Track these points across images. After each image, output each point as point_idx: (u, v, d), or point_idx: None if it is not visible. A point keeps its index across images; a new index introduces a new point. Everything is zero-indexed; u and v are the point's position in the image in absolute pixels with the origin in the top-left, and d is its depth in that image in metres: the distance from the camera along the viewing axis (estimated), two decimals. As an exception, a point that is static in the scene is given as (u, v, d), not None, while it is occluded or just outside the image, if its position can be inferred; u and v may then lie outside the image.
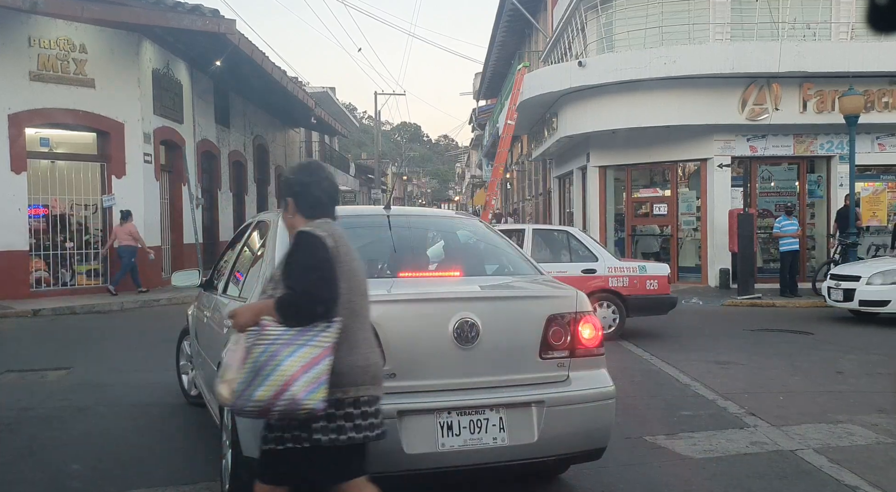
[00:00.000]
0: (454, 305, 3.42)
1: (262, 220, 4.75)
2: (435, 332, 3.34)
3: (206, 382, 4.69)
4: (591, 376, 3.65)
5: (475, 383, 3.37)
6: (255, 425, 3.13)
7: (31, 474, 4.44)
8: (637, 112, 14.80)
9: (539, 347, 3.51)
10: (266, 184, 24.71)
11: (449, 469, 3.32)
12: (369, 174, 52.00)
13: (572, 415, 3.51)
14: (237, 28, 14.16)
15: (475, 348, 3.35)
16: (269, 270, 3.59)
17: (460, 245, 4.56)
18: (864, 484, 4.17)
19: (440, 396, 3.30)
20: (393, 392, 3.14)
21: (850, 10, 14.52)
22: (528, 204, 30.78)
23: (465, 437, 3.28)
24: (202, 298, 5.42)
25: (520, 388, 3.44)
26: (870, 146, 14.66)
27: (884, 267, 10.67)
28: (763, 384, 6.84)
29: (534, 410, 3.40)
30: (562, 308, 3.60)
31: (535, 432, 3.38)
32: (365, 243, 4.13)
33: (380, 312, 3.16)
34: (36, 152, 13.41)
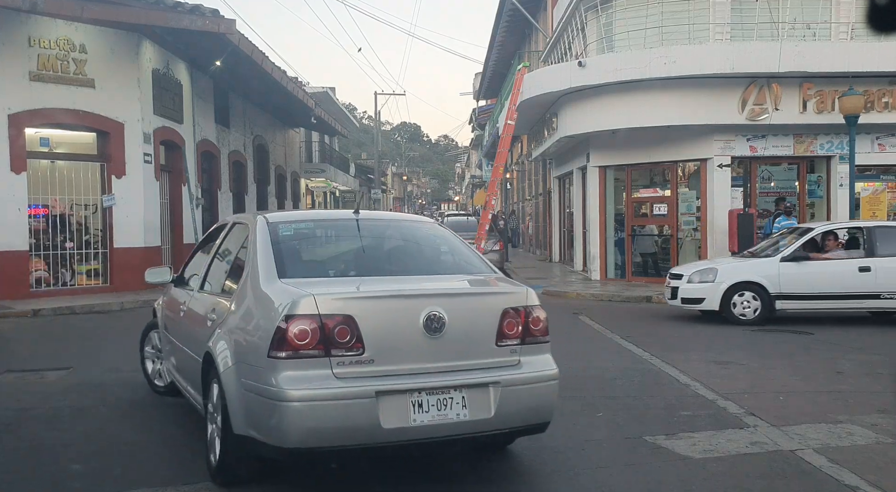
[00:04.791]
0: (424, 301, 3.91)
1: (240, 222, 5.11)
2: (407, 324, 3.82)
3: (184, 371, 5.11)
4: (538, 360, 4.17)
5: (441, 367, 3.87)
6: (244, 402, 3.80)
7: (31, 474, 4.44)
8: (637, 112, 14.79)
9: (495, 336, 4.03)
10: (266, 184, 24.70)
11: (419, 441, 3.80)
12: (369, 174, 52.01)
13: (523, 394, 4.02)
14: (237, 28, 14.15)
15: (441, 338, 3.85)
16: (254, 267, 4.17)
17: (424, 246, 4.98)
18: (863, 484, 4.17)
19: (412, 378, 3.77)
20: (372, 376, 3.70)
21: (850, 10, 14.51)
22: (528, 204, 30.78)
23: (433, 413, 3.76)
24: (173, 292, 5.79)
25: (479, 371, 3.94)
26: (870, 146, 14.65)
27: (702, 266, 11.31)
28: (763, 384, 6.84)
29: (491, 390, 3.91)
30: (515, 303, 4.13)
31: (491, 408, 3.89)
32: (338, 243, 4.83)
33: (359, 306, 3.76)
34: (36, 152, 13.40)
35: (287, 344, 3.63)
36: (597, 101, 15.40)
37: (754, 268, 10.87)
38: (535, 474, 4.41)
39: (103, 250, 14.02)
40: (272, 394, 3.62)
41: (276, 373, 3.63)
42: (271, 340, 3.67)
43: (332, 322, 3.67)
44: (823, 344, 9.13)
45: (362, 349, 3.70)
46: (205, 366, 4.38)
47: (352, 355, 3.69)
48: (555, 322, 11.50)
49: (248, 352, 3.88)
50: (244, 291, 4.22)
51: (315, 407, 3.59)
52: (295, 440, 3.59)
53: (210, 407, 4.28)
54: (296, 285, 3.91)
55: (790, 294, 10.57)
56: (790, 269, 10.58)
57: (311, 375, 3.63)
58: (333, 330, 3.66)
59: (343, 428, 3.62)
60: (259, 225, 4.50)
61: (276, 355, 3.64)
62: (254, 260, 4.25)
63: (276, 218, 4.76)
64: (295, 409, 3.56)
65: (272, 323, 3.71)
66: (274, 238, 4.39)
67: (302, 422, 3.58)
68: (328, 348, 3.66)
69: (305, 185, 32.91)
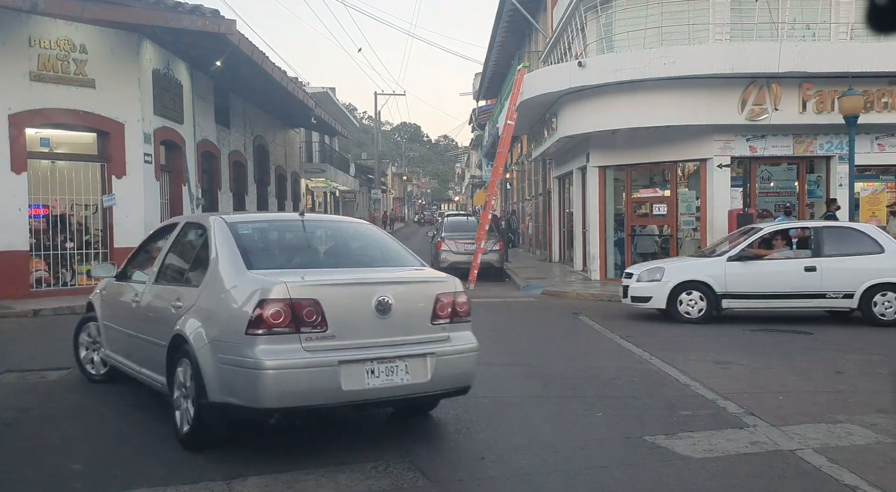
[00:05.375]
0: (375, 288, 4.73)
1: (195, 222, 5.74)
2: (362, 306, 4.64)
3: (140, 355, 5.66)
4: (463, 336, 5.08)
5: (389, 341, 4.69)
6: (220, 374, 4.49)
7: (31, 474, 4.45)
8: (637, 112, 14.80)
9: (430, 316, 4.91)
10: (266, 184, 24.70)
11: (372, 400, 4.65)
12: (369, 174, 52.01)
13: (451, 363, 4.91)
14: (237, 28, 14.13)
15: (389, 318, 4.69)
16: (222, 261, 4.89)
17: (363, 243, 5.82)
18: (863, 484, 4.18)
19: (366, 350, 4.57)
20: (334, 348, 4.48)
21: (849, 10, 14.51)
22: (527, 204, 30.78)
23: (382, 378, 4.59)
24: (117, 287, 6.37)
25: (418, 344, 4.79)
26: (869, 146, 14.66)
27: (651, 266, 11.49)
28: (763, 384, 6.85)
29: (427, 359, 4.78)
30: (445, 290, 5.04)
31: (428, 374, 4.76)
32: (290, 240, 5.58)
33: (323, 291, 4.53)
34: (36, 152, 13.40)
35: (263, 323, 4.34)
36: (597, 102, 15.41)
37: (701, 267, 11.03)
38: (535, 473, 4.42)
39: (104, 250, 14.01)
40: (250, 365, 4.32)
41: (254, 347, 4.33)
42: (249, 320, 4.36)
43: (301, 305, 4.41)
44: (823, 344, 9.14)
45: (326, 327, 4.47)
46: (171, 348, 4.97)
47: (317, 332, 4.45)
48: (554, 322, 11.57)
49: (225, 331, 4.55)
50: (214, 281, 4.87)
51: (287, 374, 4.34)
52: (271, 402, 4.32)
53: (178, 383, 4.90)
54: (265, 275, 4.63)
55: (736, 293, 10.74)
56: (736, 268, 10.73)
57: (284, 348, 4.36)
58: (302, 311, 4.40)
59: (310, 391, 4.40)
60: (219, 225, 5.16)
61: (254, 333, 4.35)
62: (220, 255, 4.93)
63: (233, 219, 5.38)
64: (271, 375, 4.29)
65: (249, 306, 4.41)
66: (235, 236, 5.06)
67: (276, 386, 4.32)
68: (298, 326, 4.39)
69: (305, 185, 32.91)
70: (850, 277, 10.52)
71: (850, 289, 10.51)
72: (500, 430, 5.29)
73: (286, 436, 5.12)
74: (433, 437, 5.12)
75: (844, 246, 10.79)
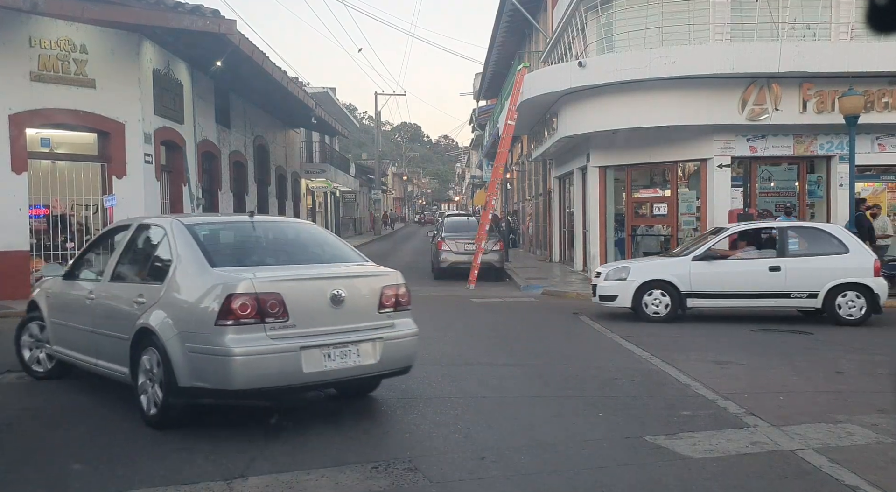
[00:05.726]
0: (330, 282, 5.31)
1: (150, 224, 6.11)
2: (319, 298, 5.20)
3: (98, 349, 5.94)
4: (405, 322, 5.71)
5: (343, 329, 5.26)
6: (188, 361, 4.94)
7: (31, 474, 4.45)
8: (637, 112, 14.79)
9: (377, 306, 5.52)
10: (266, 184, 24.70)
11: (329, 381, 5.31)
12: (369, 174, 52.00)
13: (395, 346, 5.53)
14: (237, 28, 14.11)
15: (342, 308, 5.27)
16: (186, 260, 5.32)
17: (310, 241, 6.32)
18: (864, 484, 4.18)
19: (323, 337, 5.13)
20: (295, 336, 5.01)
21: (850, 10, 14.50)
22: (528, 204, 30.78)
23: (338, 361, 5.17)
24: (64, 286, 6.64)
25: (367, 331, 5.39)
26: (870, 146, 14.65)
27: (617, 265, 11.66)
28: (763, 384, 6.85)
29: (376, 343, 5.40)
30: (389, 282, 5.66)
31: (377, 356, 5.39)
32: (245, 240, 6.01)
33: (285, 286, 5.07)
34: (36, 153, 13.40)
35: (232, 314, 4.83)
36: (597, 102, 15.41)
37: (666, 267, 11.12)
38: (535, 474, 4.42)
39: (104, 250, 13.99)
40: (221, 352, 4.81)
41: (223, 336, 4.82)
42: (218, 313, 4.84)
43: (266, 298, 4.92)
44: (823, 344, 9.13)
45: (288, 318, 5.00)
46: (135, 340, 5.37)
47: (280, 322, 4.97)
48: (555, 322, 11.57)
49: (194, 323, 4.99)
50: (180, 278, 5.28)
51: (255, 359, 4.85)
52: (240, 384, 4.85)
53: (143, 370, 5.31)
54: (230, 272, 5.10)
55: (701, 293, 10.84)
56: (701, 268, 10.81)
57: (251, 337, 4.87)
58: (266, 304, 4.92)
59: (275, 373, 4.93)
60: (178, 227, 5.62)
61: (223, 324, 4.83)
62: (183, 254, 5.37)
63: (190, 221, 5.83)
64: (240, 361, 4.80)
65: (218, 300, 4.88)
66: (195, 237, 5.50)
67: (245, 370, 4.83)
68: (263, 317, 4.90)
69: (306, 185, 32.90)
70: (814, 276, 10.60)
71: (814, 289, 10.58)
72: (500, 430, 5.29)
73: (286, 436, 5.12)
74: (433, 437, 5.12)
75: (809, 246, 10.91)
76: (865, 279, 10.49)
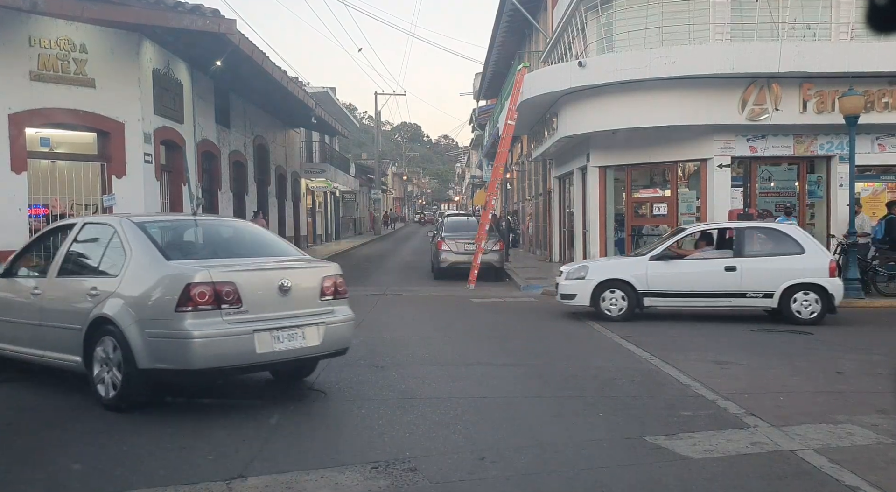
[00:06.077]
0: (278, 273, 5.94)
1: (98, 222, 6.57)
2: (269, 287, 5.79)
3: (48, 341, 6.25)
4: (342, 309, 6.33)
5: (290, 314, 5.85)
6: (148, 345, 5.42)
7: (31, 474, 4.44)
8: (637, 112, 14.79)
9: (319, 294, 6.13)
10: (266, 184, 24.69)
11: (279, 360, 5.84)
12: (369, 174, 52.00)
13: (335, 330, 6.15)
14: (237, 28, 14.10)
15: (289, 296, 5.84)
16: (141, 254, 5.79)
17: (252, 237, 6.94)
18: (864, 484, 4.17)
19: (273, 322, 5.71)
20: (248, 321, 5.56)
21: (850, 10, 14.50)
22: (528, 204, 30.77)
23: (286, 343, 5.76)
24: (7, 284, 6.92)
25: (311, 316, 5.98)
26: (870, 146, 14.65)
27: (577, 265, 11.89)
28: (763, 384, 6.84)
29: (319, 327, 6.00)
30: (328, 273, 6.30)
31: (320, 339, 5.99)
32: (191, 236, 6.51)
33: (239, 276, 5.61)
34: (36, 152, 13.38)
35: (191, 302, 5.33)
36: (597, 102, 15.40)
37: (623, 266, 11.30)
38: (535, 474, 4.42)
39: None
40: (181, 336, 5.31)
41: (183, 322, 5.33)
42: (178, 300, 5.33)
43: (222, 287, 5.45)
44: (823, 344, 9.13)
45: (241, 304, 5.53)
46: (90, 329, 5.78)
47: (235, 308, 5.50)
48: (554, 322, 11.55)
49: (154, 310, 5.47)
50: (137, 271, 5.73)
51: (213, 341, 5.37)
52: (200, 364, 5.37)
53: (99, 358, 5.75)
54: (186, 265, 5.65)
55: (657, 292, 10.97)
56: (658, 268, 10.94)
57: (209, 321, 5.38)
58: (222, 292, 5.44)
59: (231, 354, 5.49)
60: (128, 225, 6.08)
61: (183, 310, 5.33)
62: (136, 250, 5.84)
63: (139, 219, 6.31)
64: (199, 343, 5.32)
65: (178, 289, 5.35)
66: (146, 234, 5.98)
67: (205, 351, 5.35)
68: (219, 304, 5.42)
69: (306, 185, 32.89)
70: (770, 277, 10.69)
71: (770, 289, 10.66)
72: (500, 430, 5.29)
73: (285, 437, 5.12)
74: (433, 437, 5.11)
75: (766, 247, 11.02)
76: (821, 280, 10.57)
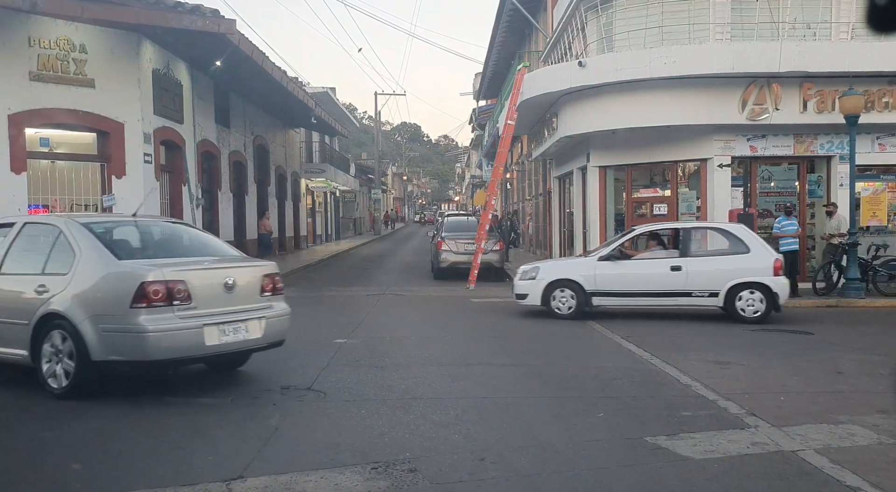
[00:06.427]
0: (224, 271, 6.45)
1: (41, 222, 6.86)
2: (216, 285, 6.27)
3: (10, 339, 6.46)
4: (280, 304, 6.91)
5: (235, 309, 6.37)
6: (102, 339, 5.82)
7: (31, 474, 4.44)
8: (637, 112, 14.77)
9: (259, 291, 6.67)
10: (266, 184, 24.69)
11: (226, 351, 6.38)
12: (369, 174, 51.98)
13: (274, 323, 6.72)
14: (237, 28, 14.11)
15: (233, 292, 6.35)
16: (91, 254, 6.12)
17: (191, 238, 7.35)
18: (865, 485, 4.16)
19: (220, 316, 6.21)
20: (198, 316, 6.04)
21: (850, 10, 14.48)
22: (528, 204, 30.76)
23: (231, 336, 6.29)
24: None
25: (253, 311, 6.54)
26: (870, 146, 14.63)
27: (530, 265, 12.08)
28: (763, 384, 6.83)
29: (260, 321, 6.56)
30: (268, 271, 6.85)
31: (261, 332, 6.57)
32: (134, 236, 6.79)
33: (189, 274, 6.07)
34: (36, 152, 13.39)
35: (145, 299, 5.76)
36: (597, 101, 15.39)
37: (573, 267, 11.56)
38: (535, 474, 4.40)
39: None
40: (136, 330, 5.73)
41: (138, 317, 5.75)
42: (133, 297, 5.75)
43: (174, 285, 5.89)
44: (824, 344, 9.12)
45: (191, 301, 5.99)
46: (38, 325, 6.13)
47: (185, 305, 5.95)
48: (555, 322, 11.53)
49: (108, 307, 5.86)
50: (88, 270, 6.06)
51: (166, 335, 5.83)
52: (154, 355, 5.83)
53: (47, 353, 6.14)
54: (138, 264, 6.09)
55: (605, 291, 11.21)
56: (606, 268, 11.15)
57: (162, 317, 5.83)
58: (174, 289, 5.88)
59: (183, 346, 5.97)
60: (74, 225, 6.41)
61: (138, 307, 5.76)
62: (86, 249, 6.17)
63: (84, 220, 6.62)
64: (154, 337, 5.77)
65: (132, 287, 5.76)
66: (94, 234, 6.29)
67: (159, 344, 5.81)
68: (171, 301, 5.87)
69: (305, 185, 32.88)
70: (715, 276, 10.83)
71: (715, 287, 10.79)
72: (500, 430, 5.28)
73: (284, 437, 5.11)
74: (433, 437, 5.11)
75: (712, 246, 11.20)
76: (765, 278, 10.70)
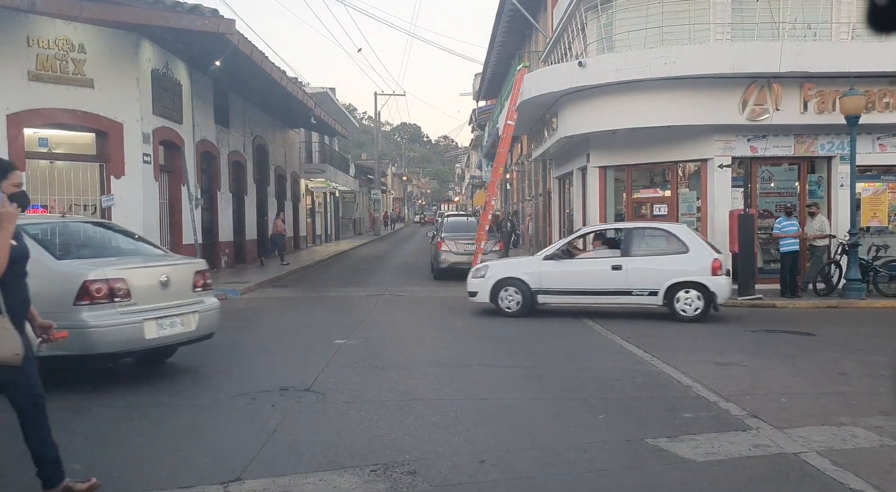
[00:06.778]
0: (160, 269, 6.91)
1: None
2: (153, 282, 6.75)
3: None
4: (211, 299, 7.47)
5: (170, 304, 6.83)
6: None
7: (32, 474, 4.40)
8: (637, 112, 14.75)
9: (192, 287, 7.17)
10: (266, 184, 24.66)
11: (164, 344, 6.91)
12: (369, 175, 51.97)
13: (206, 317, 7.25)
14: (237, 28, 14.08)
15: (168, 288, 6.83)
16: None
17: (123, 238, 7.67)
18: (868, 487, 4.14)
19: (157, 311, 6.68)
20: (137, 311, 6.49)
21: (850, 10, 14.46)
22: (528, 204, 30.74)
23: (168, 330, 6.78)
24: None
25: (187, 306, 7.02)
26: (870, 146, 14.60)
27: (480, 265, 12.47)
28: (765, 386, 6.80)
29: (194, 315, 7.06)
30: (199, 268, 7.38)
31: (194, 325, 7.07)
32: (67, 237, 7.05)
33: (128, 273, 6.55)
34: (35, 152, 13.35)
35: (88, 296, 6.19)
36: (597, 102, 15.36)
37: (519, 266, 11.97)
38: (536, 477, 4.37)
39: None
40: (80, 326, 6.09)
41: (81, 314, 6.16)
42: (76, 295, 6.15)
43: (114, 283, 6.34)
44: (825, 345, 9.09)
45: (131, 297, 6.46)
46: None
47: (126, 301, 6.41)
48: (555, 323, 11.49)
49: (51, 305, 5.80)
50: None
51: (108, 330, 6.28)
52: (97, 350, 6.28)
53: None
54: (78, 263, 6.48)
55: (549, 290, 11.43)
56: (550, 266, 11.46)
57: (104, 313, 6.28)
58: (115, 287, 6.34)
59: (124, 340, 6.43)
60: None
61: (81, 304, 6.17)
62: None
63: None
64: (97, 331, 6.22)
65: (75, 285, 6.16)
66: (28, 235, 6.27)
67: (102, 338, 6.26)
68: (112, 298, 6.32)
69: (305, 185, 32.85)
70: (654, 275, 11.04)
71: (654, 287, 10.99)
72: (500, 432, 5.25)
73: (283, 439, 5.08)
74: (433, 439, 5.08)
75: (652, 246, 11.36)
76: (703, 278, 10.86)
